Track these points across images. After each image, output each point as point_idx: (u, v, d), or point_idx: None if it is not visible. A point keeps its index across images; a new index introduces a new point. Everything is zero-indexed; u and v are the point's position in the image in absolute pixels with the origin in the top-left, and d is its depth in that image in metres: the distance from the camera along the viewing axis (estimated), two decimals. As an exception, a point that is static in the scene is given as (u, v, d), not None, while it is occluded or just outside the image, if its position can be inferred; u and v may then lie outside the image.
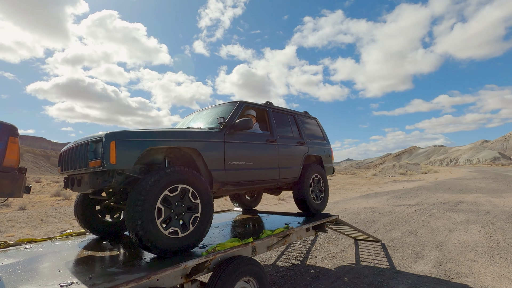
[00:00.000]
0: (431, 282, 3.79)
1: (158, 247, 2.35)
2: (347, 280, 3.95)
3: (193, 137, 2.99)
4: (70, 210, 11.44)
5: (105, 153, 2.32)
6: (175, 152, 3.04)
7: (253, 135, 3.80)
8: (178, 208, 2.56)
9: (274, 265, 4.75)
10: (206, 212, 2.74)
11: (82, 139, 2.66)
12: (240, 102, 3.83)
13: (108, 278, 1.94)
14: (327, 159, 5.32)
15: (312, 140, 5.05)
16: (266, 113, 4.31)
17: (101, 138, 2.40)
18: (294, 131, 4.71)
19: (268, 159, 3.92)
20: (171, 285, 2.26)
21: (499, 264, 4.37)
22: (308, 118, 5.31)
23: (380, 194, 15.11)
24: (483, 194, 12.88)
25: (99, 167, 2.34)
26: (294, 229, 3.58)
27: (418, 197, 12.98)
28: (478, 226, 6.88)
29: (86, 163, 2.47)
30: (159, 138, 2.70)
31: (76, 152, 2.68)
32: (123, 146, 2.40)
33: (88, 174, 2.56)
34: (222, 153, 3.23)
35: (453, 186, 17.61)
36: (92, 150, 2.45)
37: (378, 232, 6.69)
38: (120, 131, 2.46)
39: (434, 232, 6.47)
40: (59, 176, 31.26)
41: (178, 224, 2.56)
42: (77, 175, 2.79)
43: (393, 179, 29.02)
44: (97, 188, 2.53)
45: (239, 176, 3.42)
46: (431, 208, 9.74)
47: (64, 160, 2.91)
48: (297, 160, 4.53)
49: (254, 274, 2.75)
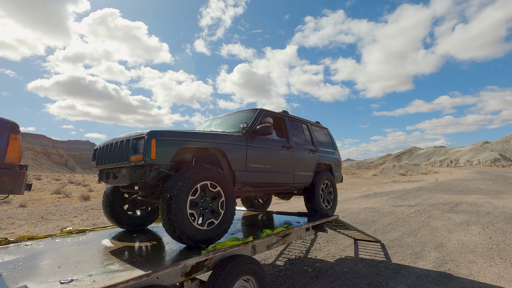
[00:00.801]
0: (430, 283, 3.79)
1: (190, 238, 2.60)
2: (346, 280, 3.96)
3: (220, 139, 3.26)
4: (71, 207, 11.47)
5: (147, 149, 2.56)
6: (202, 152, 3.28)
7: (271, 141, 4.04)
8: (205, 203, 2.80)
9: (273, 264, 4.76)
10: (229, 208, 2.97)
11: (121, 136, 2.91)
12: (260, 109, 4.09)
13: (108, 276, 1.94)
14: (336, 167, 5.68)
15: (323, 148, 5.37)
16: (282, 121, 4.57)
17: (143, 135, 2.64)
18: (307, 139, 5.02)
19: (284, 164, 4.17)
20: (171, 283, 2.26)
21: (498, 265, 4.37)
22: (320, 127, 5.65)
23: (380, 195, 15.10)
24: (483, 195, 12.87)
25: (140, 161, 2.58)
26: (294, 228, 3.58)
27: (418, 198, 12.98)
28: (478, 227, 6.87)
29: (127, 157, 2.71)
30: (191, 138, 2.95)
31: (116, 147, 2.90)
32: (162, 144, 2.65)
33: (126, 168, 2.81)
34: (245, 155, 3.48)
35: (453, 187, 17.60)
36: (133, 146, 2.70)
37: (378, 233, 6.69)
38: (160, 130, 2.70)
39: (433, 233, 6.47)
40: (59, 173, 31.39)
41: (206, 217, 2.78)
42: (114, 168, 3.03)
43: (393, 180, 29.01)
44: (135, 181, 2.77)
45: (258, 178, 3.68)
46: (431, 209, 9.74)
47: (101, 155, 3.13)
48: (310, 166, 4.81)
49: (254, 273, 2.76)
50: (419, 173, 41.50)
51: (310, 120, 5.44)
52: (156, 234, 3.58)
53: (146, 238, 3.30)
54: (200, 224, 2.72)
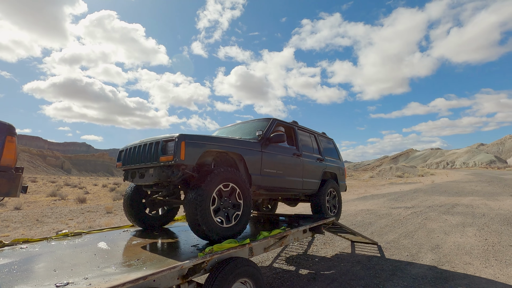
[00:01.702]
0: (427, 285, 3.81)
1: (213, 234, 2.83)
2: (343, 282, 3.96)
3: (239, 144, 3.51)
4: (66, 210, 11.38)
5: (177, 150, 2.79)
6: (221, 156, 3.51)
7: (283, 148, 4.31)
8: (226, 202, 3.07)
9: (270, 267, 4.75)
10: (246, 208, 3.22)
11: (150, 139, 3.12)
12: (273, 119, 4.36)
13: (104, 279, 1.93)
14: (341, 176, 6.01)
15: (329, 158, 5.67)
16: (293, 130, 4.82)
17: (173, 138, 2.87)
18: (315, 148, 5.31)
19: (294, 170, 4.42)
20: (168, 285, 2.25)
21: (494, 266, 4.41)
22: (326, 138, 5.97)
23: (377, 197, 15.15)
24: (479, 197, 12.96)
25: (170, 161, 2.80)
26: (291, 230, 3.59)
27: (415, 200, 13.04)
28: (473, 228, 6.92)
29: (156, 158, 2.93)
30: (214, 142, 3.20)
31: (144, 149, 3.12)
32: (190, 146, 2.90)
33: (155, 167, 3.03)
34: (260, 160, 3.74)
35: (449, 189, 17.70)
36: (162, 148, 2.92)
37: (375, 234, 6.71)
38: (188, 134, 2.95)
39: (430, 235, 6.50)
40: (55, 176, 30.96)
41: (226, 216, 3.03)
42: (141, 168, 3.23)
43: (390, 182, 29.12)
44: (162, 180, 3.00)
45: (271, 182, 3.92)
46: (428, 211, 9.79)
47: (129, 156, 3.35)
48: (317, 174, 5.10)
49: (251, 276, 2.75)
50: (415, 175, 41.72)
51: (317, 130, 5.72)
52: (158, 235, 3.57)
53: (144, 241, 3.28)
54: (221, 222, 2.97)
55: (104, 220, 9.07)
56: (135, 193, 3.92)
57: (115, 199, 16.23)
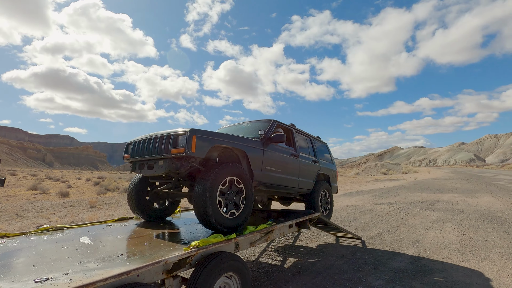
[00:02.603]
0: (407, 278, 3.94)
1: (218, 225, 3.01)
2: (327, 276, 4.04)
3: (244, 141, 3.73)
4: (48, 204, 11.06)
5: (188, 143, 2.95)
6: (226, 151, 3.68)
7: (282, 148, 4.52)
8: (231, 195, 3.27)
9: (256, 261, 4.79)
10: (248, 202, 3.42)
11: (161, 133, 3.28)
12: (274, 121, 4.59)
13: (86, 274, 1.89)
14: (333, 179, 6.31)
15: (322, 160, 5.94)
16: (291, 132, 5.04)
17: (185, 132, 3.03)
18: (310, 151, 5.57)
19: (291, 169, 4.65)
20: (152, 280, 2.23)
21: (470, 260, 4.60)
22: (320, 142, 6.25)
23: (362, 193, 15.48)
24: (458, 194, 13.46)
25: (182, 153, 2.96)
26: (277, 225, 3.62)
27: (398, 196, 13.40)
28: (452, 224, 7.19)
29: (167, 150, 3.09)
30: (222, 138, 3.35)
31: (155, 142, 3.27)
32: (201, 140, 3.06)
33: (165, 159, 3.18)
34: (261, 158, 3.94)
35: (431, 186, 18.29)
36: (173, 141, 3.07)
37: (359, 230, 6.86)
38: (199, 129, 3.11)
39: (411, 230, 6.71)
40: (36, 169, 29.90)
41: (229, 208, 3.23)
42: (150, 160, 3.36)
43: (375, 178, 29.79)
44: (172, 171, 3.17)
45: (270, 178, 4.12)
46: (410, 207, 10.09)
47: (137, 148, 3.51)
48: (312, 175, 5.35)
49: (237, 270, 2.77)
50: (399, 172, 42.85)
51: (305, 129, 5.89)
52: (144, 230, 3.52)
53: (129, 235, 3.24)
54: (226, 213, 3.16)
55: (87, 215, 8.87)
56: (139, 186, 4.05)
57: (99, 193, 15.88)
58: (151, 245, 2.74)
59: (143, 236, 3.18)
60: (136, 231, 3.49)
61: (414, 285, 3.69)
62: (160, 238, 3.13)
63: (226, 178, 3.16)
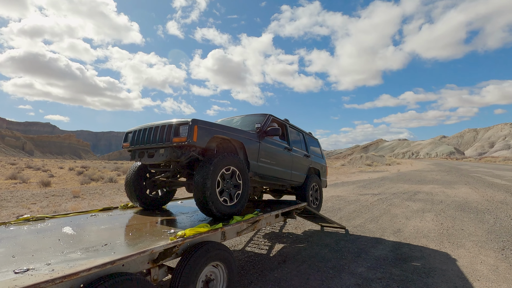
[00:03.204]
0: (387, 265, 4.09)
1: (217, 211, 3.13)
2: (312, 264, 4.15)
3: (242, 133, 3.86)
4: (28, 194, 10.73)
5: (190, 132, 3.05)
6: (224, 142, 3.81)
7: (277, 142, 4.69)
8: (228, 184, 3.37)
9: (243, 251, 4.85)
10: (245, 191, 3.55)
11: (162, 122, 3.36)
12: (269, 115, 4.75)
13: (69, 264, 1.85)
14: (323, 173, 6.58)
15: (313, 155, 6.15)
16: (284, 127, 5.19)
17: (187, 122, 3.12)
18: (302, 145, 5.77)
19: (285, 162, 4.82)
20: (137, 270, 2.22)
21: (447, 248, 4.82)
22: (312, 138, 6.45)
23: (347, 184, 15.83)
24: (438, 185, 13.99)
25: (184, 142, 3.06)
26: (263, 215, 3.65)
27: (381, 187, 13.79)
28: (432, 214, 7.49)
29: (169, 139, 3.18)
30: (221, 129, 3.47)
31: (156, 131, 3.35)
32: (202, 130, 3.16)
33: (166, 148, 3.30)
34: (257, 149, 4.09)
35: (413, 178, 18.90)
36: (175, 130, 3.16)
37: (343, 219, 7.04)
38: (200, 120, 3.22)
39: (393, 220, 6.95)
40: (15, 157, 28.76)
41: (227, 196, 3.34)
42: (151, 149, 3.47)
43: (360, 170, 30.48)
44: (173, 159, 3.29)
45: (265, 170, 4.29)
46: (392, 198, 10.41)
47: (137, 137, 3.58)
48: (304, 168, 5.56)
49: (223, 259, 2.79)
50: (383, 164, 43.98)
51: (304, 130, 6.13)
52: (130, 219, 3.47)
53: (113, 225, 3.19)
54: (224, 201, 3.27)
55: (70, 205, 8.67)
56: (137, 175, 4.12)
57: (83, 182, 15.53)
58: (136, 235, 2.71)
59: (128, 226, 3.14)
60: (121, 221, 3.45)
61: (394, 272, 3.84)
62: (147, 228, 3.10)
63: (225, 167, 3.28)
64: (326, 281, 3.56)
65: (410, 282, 3.53)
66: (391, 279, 3.63)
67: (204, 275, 2.63)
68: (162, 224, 3.25)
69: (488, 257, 4.39)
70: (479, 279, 3.61)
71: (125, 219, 3.57)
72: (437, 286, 3.43)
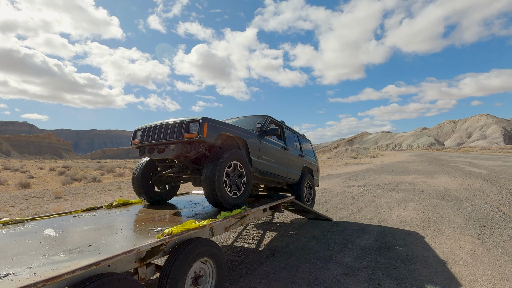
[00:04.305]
0: (373, 254, 4.22)
1: (226, 203, 3.43)
2: (299, 256, 4.22)
3: (245, 132, 4.18)
4: (7, 196, 10.30)
5: (201, 129, 3.31)
6: (229, 139, 4.09)
7: (275, 141, 5.01)
8: (234, 177, 3.66)
9: (232, 246, 4.87)
10: (248, 184, 3.83)
11: (171, 120, 3.61)
12: (268, 116, 5.09)
13: (51, 267, 1.80)
14: (316, 172, 6.95)
15: (307, 155, 6.50)
16: (281, 127, 5.49)
17: (198, 119, 3.38)
18: (297, 145, 6.11)
19: (282, 160, 5.13)
20: (124, 270, 2.19)
21: (428, 235, 5.02)
22: (305, 139, 6.81)
23: (333, 176, 16.12)
24: (419, 176, 14.48)
25: (194, 138, 3.30)
26: (251, 210, 3.67)
27: (366, 179, 14.13)
28: (414, 203, 7.76)
29: (180, 135, 3.42)
30: (227, 127, 3.77)
31: (167, 127, 3.59)
32: (211, 127, 3.43)
33: (176, 143, 3.51)
34: (258, 147, 4.40)
35: (396, 169, 19.46)
36: (186, 127, 3.41)
37: (330, 211, 7.18)
38: (209, 118, 3.48)
39: (377, 210, 7.15)
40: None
41: (233, 189, 3.62)
42: (162, 144, 3.67)
43: (345, 162, 31.07)
44: (183, 153, 3.53)
45: (265, 167, 4.59)
46: (376, 189, 10.70)
47: (148, 134, 3.79)
48: (299, 167, 5.89)
49: (211, 255, 2.79)
50: (368, 156, 45.02)
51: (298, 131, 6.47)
52: (115, 218, 3.40)
53: (98, 226, 3.11)
54: (229, 192, 3.55)
55: (52, 206, 8.40)
56: (144, 171, 4.36)
57: (65, 183, 15.05)
58: (123, 234, 2.66)
59: (113, 226, 3.08)
60: (106, 220, 3.37)
61: (379, 260, 3.97)
62: (133, 226, 3.05)
63: (231, 162, 3.57)
64: (314, 272, 3.63)
65: (394, 269, 3.66)
66: (376, 267, 3.75)
67: (193, 272, 2.62)
68: (150, 222, 3.21)
69: (466, 242, 4.60)
70: (458, 264, 3.78)
71: (110, 218, 3.50)
72: (419, 272, 3.57)
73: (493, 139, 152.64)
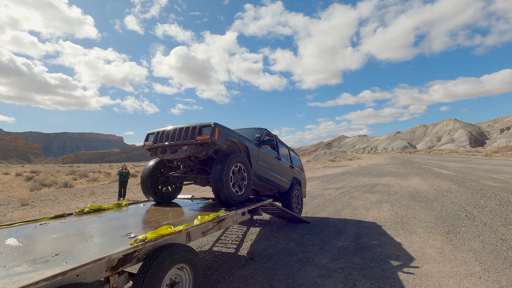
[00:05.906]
0: (349, 255, 4.32)
1: (231, 199, 3.96)
2: (278, 259, 4.23)
3: (247, 140, 4.79)
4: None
5: (213, 132, 3.84)
6: (233, 145, 4.59)
7: (270, 151, 5.63)
8: (237, 177, 4.17)
9: (210, 251, 4.79)
10: (248, 184, 4.36)
11: (185, 125, 4.11)
12: (264, 129, 5.78)
13: (12, 279, 1.68)
14: (304, 183, 7.55)
15: (296, 167, 7.11)
16: (275, 140, 5.79)
17: (210, 124, 3.91)
18: (288, 158, 6.77)
19: (276, 168, 5.74)
20: (94, 279, 2.08)
21: (401, 235, 5.22)
22: (295, 152, 7.46)
23: (312, 179, 16.38)
24: (393, 178, 15.06)
25: (207, 140, 3.81)
26: (229, 213, 3.63)
27: (344, 181, 14.49)
28: (388, 204, 8.05)
29: (193, 137, 3.92)
30: (234, 134, 4.36)
31: (181, 131, 4.07)
32: (221, 132, 3.96)
33: (189, 145, 3.98)
34: (257, 154, 5.01)
35: (371, 171, 20.13)
36: (199, 130, 3.93)
37: (308, 213, 7.28)
38: (220, 124, 3.98)
39: (354, 212, 7.34)
40: (-51, 163, 24.91)
41: (236, 187, 4.13)
42: (175, 146, 4.10)
43: (324, 165, 31.72)
44: (195, 154, 3.99)
45: (262, 172, 5.17)
46: (353, 191, 11.00)
47: (163, 136, 4.25)
48: (290, 176, 6.53)
49: (188, 261, 2.73)
50: (345, 159, 46.23)
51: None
52: (84, 226, 3.23)
53: (66, 233, 2.95)
54: (235, 191, 4.06)
55: (17, 214, 7.88)
56: (152, 172, 4.72)
57: (33, 189, 14.19)
58: (93, 242, 2.54)
59: (84, 233, 2.93)
60: (76, 228, 3.20)
61: (355, 261, 4.06)
62: (105, 233, 2.92)
63: (236, 164, 4.08)
64: (292, 275, 3.65)
65: (369, 269, 3.76)
66: (352, 267, 3.84)
67: (168, 279, 2.55)
68: (123, 228, 3.09)
69: (436, 241, 4.83)
70: (428, 262, 3.96)
71: (81, 225, 3.33)
72: (392, 271, 3.70)
73: (460, 142, 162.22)
